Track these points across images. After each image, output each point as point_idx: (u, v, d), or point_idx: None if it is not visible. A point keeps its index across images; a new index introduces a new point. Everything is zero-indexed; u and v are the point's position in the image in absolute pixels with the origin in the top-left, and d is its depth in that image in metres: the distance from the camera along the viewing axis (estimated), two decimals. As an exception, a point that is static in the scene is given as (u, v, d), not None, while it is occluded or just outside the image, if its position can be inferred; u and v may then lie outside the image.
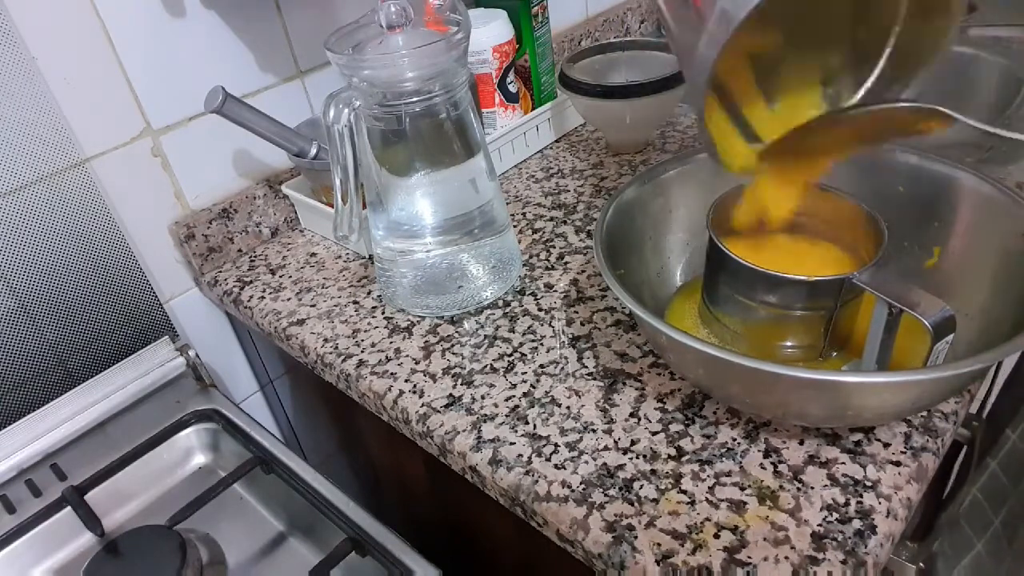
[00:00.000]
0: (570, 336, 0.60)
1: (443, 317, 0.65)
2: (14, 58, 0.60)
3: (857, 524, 0.43)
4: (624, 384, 0.55)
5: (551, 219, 0.77)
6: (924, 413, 0.49)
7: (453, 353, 0.60)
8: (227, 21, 0.72)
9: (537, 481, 0.48)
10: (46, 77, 0.62)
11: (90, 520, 0.58)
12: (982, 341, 0.48)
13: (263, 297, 0.72)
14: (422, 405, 0.56)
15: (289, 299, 0.71)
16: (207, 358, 0.78)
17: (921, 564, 0.50)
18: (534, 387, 0.56)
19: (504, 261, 0.66)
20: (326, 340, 0.64)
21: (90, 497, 0.61)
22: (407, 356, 0.61)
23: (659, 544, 0.43)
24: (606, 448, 0.50)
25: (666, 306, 0.60)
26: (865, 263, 0.48)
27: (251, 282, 0.74)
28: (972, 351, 0.44)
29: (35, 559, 0.59)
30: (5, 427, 0.65)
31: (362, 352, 0.62)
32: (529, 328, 0.62)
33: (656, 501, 0.46)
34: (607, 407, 0.53)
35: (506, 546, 0.62)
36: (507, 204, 0.80)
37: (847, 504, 0.44)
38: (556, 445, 0.51)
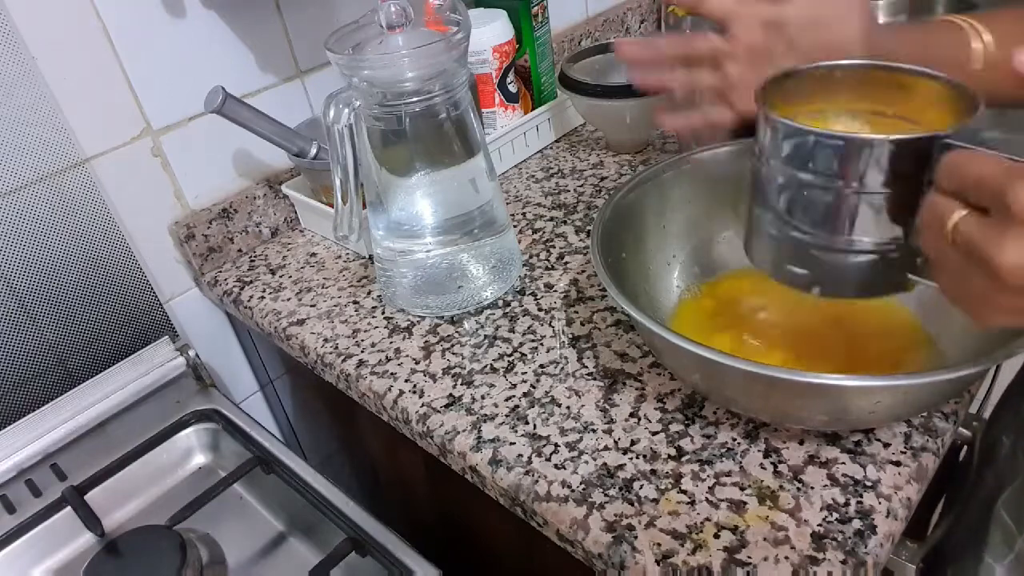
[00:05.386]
0: (570, 336, 0.60)
1: (443, 317, 0.65)
2: (14, 58, 0.60)
3: (857, 524, 0.43)
4: (624, 384, 0.55)
5: (551, 219, 0.77)
6: (924, 413, 0.49)
7: (453, 353, 0.60)
8: (227, 21, 0.72)
9: (537, 481, 0.48)
10: (46, 77, 0.62)
11: (90, 520, 0.58)
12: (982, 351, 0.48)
13: (263, 297, 0.72)
14: (422, 405, 0.56)
15: (289, 299, 0.71)
16: (207, 358, 0.78)
17: (921, 564, 0.50)
18: (534, 387, 0.56)
19: (504, 261, 0.66)
20: (326, 340, 0.64)
21: (90, 497, 0.60)
22: (407, 356, 0.61)
23: (659, 544, 0.43)
24: (606, 448, 0.50)
25: (665, 308, 0.60)
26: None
27: (251, 282, 0.74)
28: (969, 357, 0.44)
29: (35, 559, 0.59)
30: (5, 427, 0.65)
31: (362, 352, 0.62)
32: (529, 328, 0.62)
33: (656, 501, 0.46)
34: (607, 407, 0.53)
35: (506, 546, 0.62)
36: (507, 204, 0.80)
37: (847, 504, 0.44)
38: (556, 445, 0.51)
